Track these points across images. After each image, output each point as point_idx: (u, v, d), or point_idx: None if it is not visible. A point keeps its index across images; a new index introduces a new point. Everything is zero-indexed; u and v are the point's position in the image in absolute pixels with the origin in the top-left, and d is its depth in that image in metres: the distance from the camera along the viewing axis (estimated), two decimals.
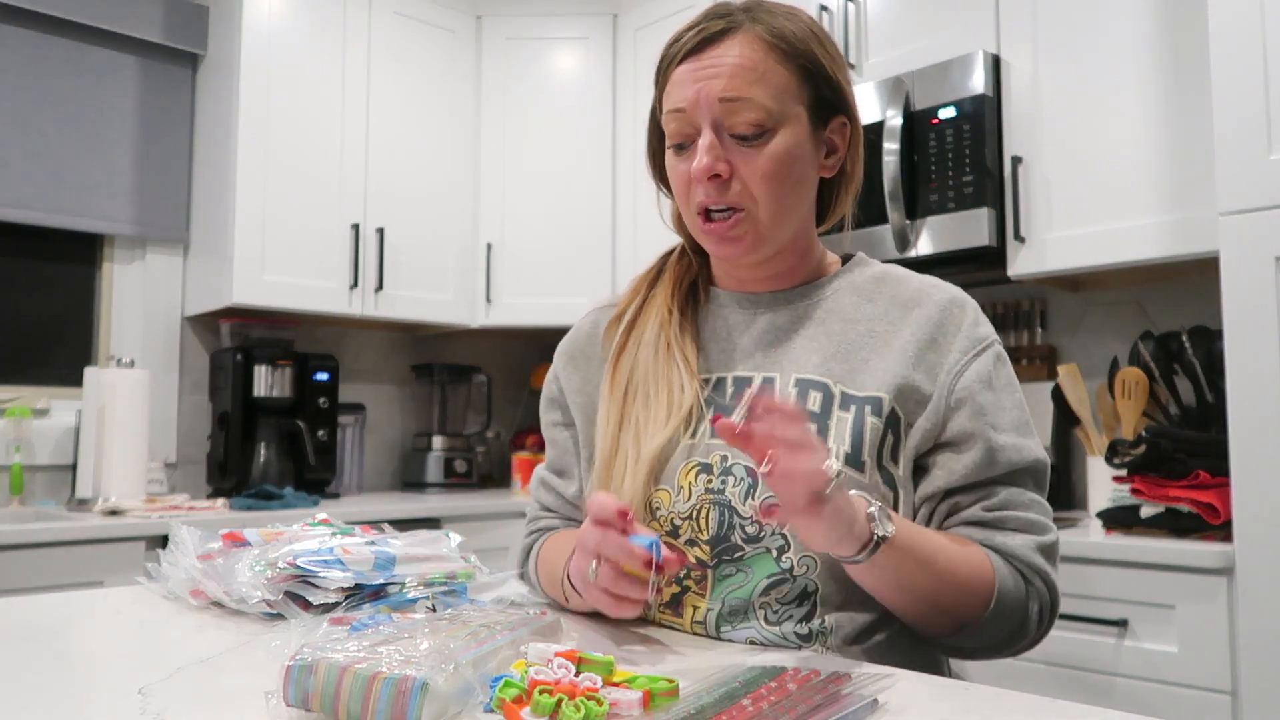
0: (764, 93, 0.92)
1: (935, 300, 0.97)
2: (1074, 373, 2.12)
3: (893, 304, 0.98)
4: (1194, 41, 1.86)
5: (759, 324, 1.02)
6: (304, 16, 2.75)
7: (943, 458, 0.92)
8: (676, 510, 0.95)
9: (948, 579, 0.86)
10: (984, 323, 0.97)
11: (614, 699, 0.63)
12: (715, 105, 0.93)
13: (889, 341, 0.95)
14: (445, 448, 3.15)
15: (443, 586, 1.01)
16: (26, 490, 2.53)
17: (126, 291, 2.80)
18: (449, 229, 3.04)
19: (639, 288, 1.09)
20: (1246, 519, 1.54)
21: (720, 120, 0.93)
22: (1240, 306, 1.56)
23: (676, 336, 1.02)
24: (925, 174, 2.19)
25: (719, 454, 0.95)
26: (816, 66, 0.96)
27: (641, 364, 1.02)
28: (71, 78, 2.67)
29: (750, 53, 0.93)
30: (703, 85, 0.93)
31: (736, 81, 0.92)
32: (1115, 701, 1.68)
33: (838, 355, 0.96)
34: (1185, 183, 1.89)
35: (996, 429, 0.92)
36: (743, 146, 0.93)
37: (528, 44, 3.14)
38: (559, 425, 1.12)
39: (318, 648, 0.65)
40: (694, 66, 0.94)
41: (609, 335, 1.08)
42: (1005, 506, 0.92)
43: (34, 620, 0.98)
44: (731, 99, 0.92)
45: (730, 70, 0.92)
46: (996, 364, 0.95)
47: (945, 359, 0.94)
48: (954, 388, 0.92)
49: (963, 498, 0.92)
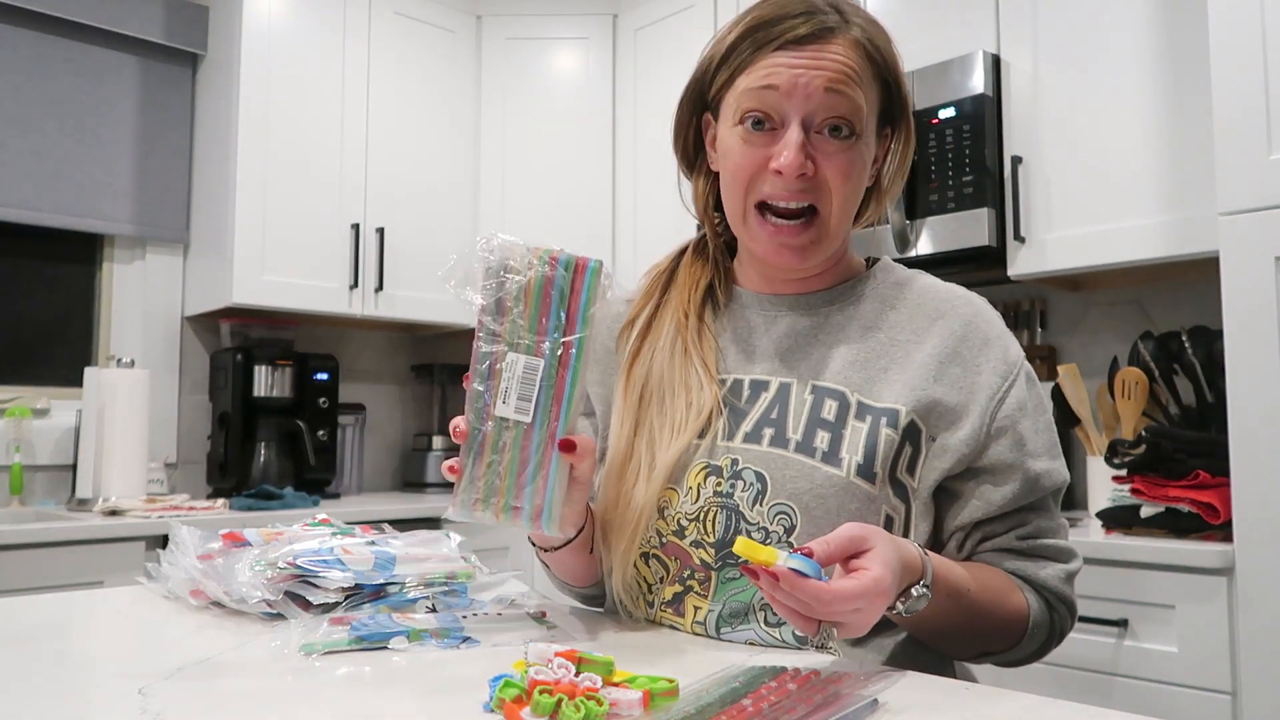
0: (860, 96, 0.92)
1: (960, 313, 0.96)
2: (1074, 373, 2.12)
3: (916, 313, 0.97)
4: (1194, 42, 1.86)
5: (779, 327, 1.00)
6: (304, 16, 2.75)
7: (982, 489, 0.92)
8: (684, 511, 0.94)
9: (985, 614, 0.87)
10: (1012, 340, 0.96)
11: (614, 699, 0.63)
12: (819, 95, 0.90)
13: (910, 353, 0.94)
14: (445, 448, 3.15)
15: (443, 586, 1.01)
16: (26, 490, 2.53)
17: (126, 291, 2.80)
18: (449, 229, 3.04)
19: (651, 288, 1.07)
20: (1246, 519, 1.54)
21: (813, 115, 0.91)
22: (1240, 306, 1.56)
23: (694, 342, 1.00)
24: (925, 174, 2.19)
25: (729, 457, 0.94)
26: (895, 81, 0.96)
27: (656, 369, 1.00)
28: (71, 78, 2.67)
29: (856, 56, 0.92)
30: (805, 74, 0.90)
31: (844, 79, 0.91)
32: (1115, 701, 1.68)
33: (856, 363, 0.95)
34: (1185, 183, 1.89)
35: (1034, 456, 0.92)
36: (831, 142, 0.92)
37: (528, 44, 3.14)
38: (579, 415, 1.11)
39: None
40: (798, 55, 0.91)
41: (622, 339, 1.06)
42: (1038, 535, 0.93)
43: (34, 620, 0.98)
44: (837, 91, 0.90)
45: (839, 66, 0.91)
46: (1030, 387, 0.95)
47: (976, 378, 0.92)
48: (996, 416, 0.91)
49: (997, 525, 0.93)
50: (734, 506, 0.92)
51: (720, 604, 0.92)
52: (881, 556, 0.74)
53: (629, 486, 0.95)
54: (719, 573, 0.93)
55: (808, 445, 0.91)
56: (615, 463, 0.98)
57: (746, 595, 0.91)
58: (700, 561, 0.94)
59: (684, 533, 0.95)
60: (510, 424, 0.83)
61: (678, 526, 0.95)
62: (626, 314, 1.08)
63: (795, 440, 0.92)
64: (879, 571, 0.73)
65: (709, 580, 0.93)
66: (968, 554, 0.94)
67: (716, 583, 0.93)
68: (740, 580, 0.92)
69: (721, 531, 0.92)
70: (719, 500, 0.93)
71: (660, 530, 0.96)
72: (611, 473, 0.98)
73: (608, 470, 0.99)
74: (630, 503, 0.94)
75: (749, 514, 0.91)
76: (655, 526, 0.96)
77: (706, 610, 0.93)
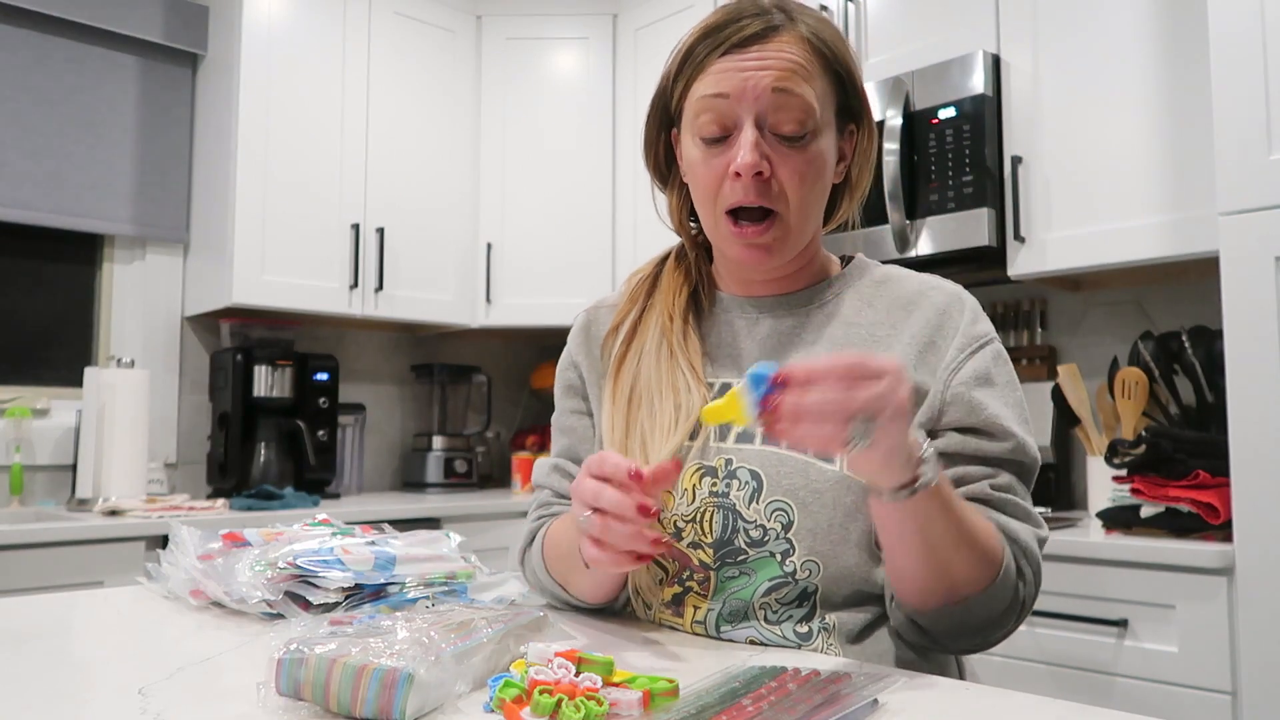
0: (811, 93, 0.92)
1: (934, 302, 0.97)
2: (1074, 373, 2.12)
3: (893, 306, 0.98)
4: (1194, 41, 1.86)
5: (762, 328, 1.01)
6: (304, 16, 2.75)
7: (948, 438, 0.91)
8: (680, 513, 0.95)
9: (967, 541, 0.83)
10: (983, 320, 0.97)
11: (614, 699, 0.63)
12: (766, 95, 0.90)
13: (890, 346, 0.95)
14: (445, 448, 3.15)
15: (443, 586, 1.01)
16: (26, 490, 2.53)
17: (126, 291, 2.80)
18: (449, 229, 3.04)
19: (635, 294, 1.07)
20: (1246, 519, 1.54)
21: (765, 115, 0.91)
22: (1240, 306, 1.56)
23: (680, 344, 1.00)
24: (925, 174, 2.19)
25: (724, 457, 0.94)
26: (848, 74, 0.96)
27: (644, 372, 1.00)
28: (71, 78, 2.67)
29: (802, 52, 0.92)
30: (753, 75, 0.90)
31: (790, 76, 0.91)
32: (1115, 701, 1.68)
33: None
34: (1185, 183, 1.89)
35: (1000, 417, 0.91)
36: (785, 145, 0.92)
37: (528, 44, 3.14)
38: (578, 413, 1.10)
39: (306, 641, 0.66)
40: (742, 59, 0.92)
41: (607, 345, 1.06)
42: (1009, 490, 0.91)
43: (34, 620, 0.98)
44: (784, 90, 0.90)
45: (785, 64, 0.91)
46: (995, 361, 0.94)
47: (944, 358, 0.93)
48: (950, 383, 0.92)
49: (972, 469, 0.91)
50: (730, 505, 0.92)
51: (720, 603, 0.92)
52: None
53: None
54: (718, 572, 0.93)
55: None
56: None
57: (746, 594, 0.91)
58: (699, 562, 0.94)
59: (681, 534, 0.95)
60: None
61: (675, 529, 0.95)
62: (611, 320, 1.08)
63: None
64: (897, 361, 0.72)
65: (708, 580, 0.93)
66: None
67: (716, 582, 0.93)
68: (740, 579, 0.92)
69: (719, 531, 0.93)
70: (715, 500, 0.93)
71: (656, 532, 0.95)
72: None
73: None
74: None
75: (745, 512, 0.92)
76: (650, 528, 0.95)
77: (706, 609, 0.93)
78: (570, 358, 1.11)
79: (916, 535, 0.82)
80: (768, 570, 0.91)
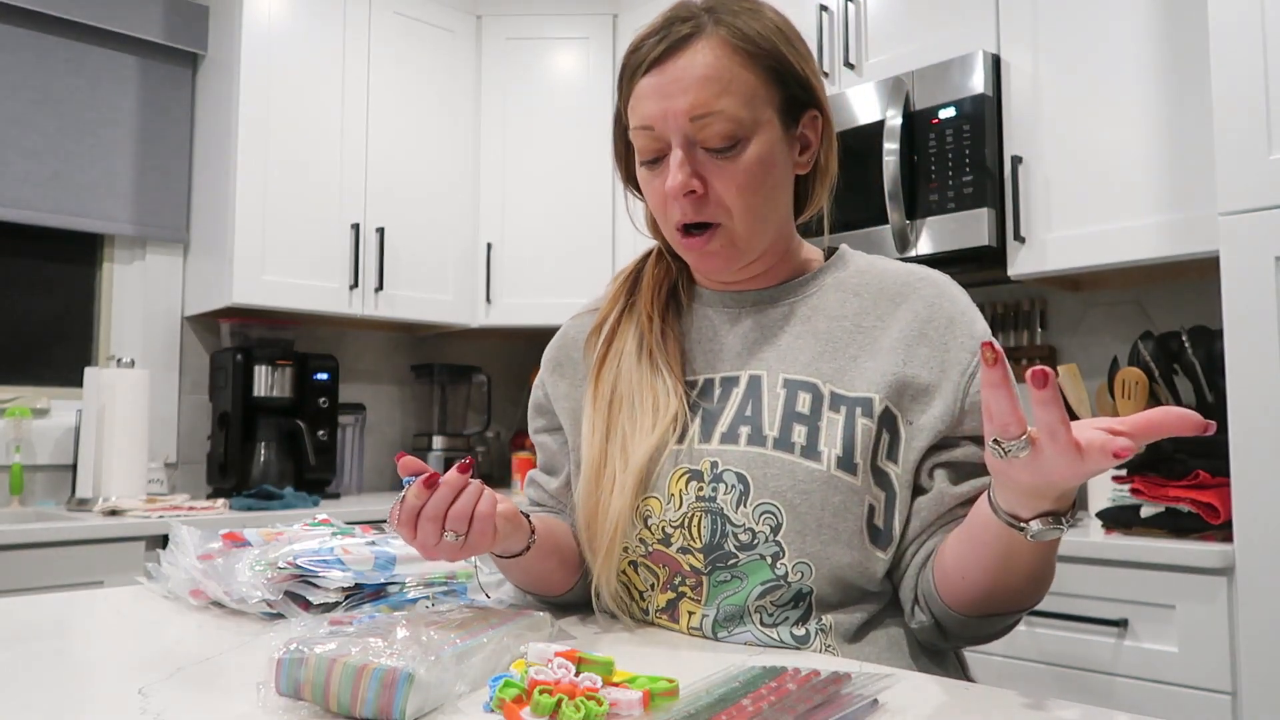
0: (733, 102, 0.90)
1: (923, 294, 0.95)
2: (1074, 373, 2.12)
3: (879, 298, 0.97)
4: (1194, 42, 1.86)
5: (744, 323, 1.00)
6: (304, 16, 2.75)
7: (965, 448, 0.91)
8: (668, 519, 0.94)
9: (1039, 575, 0.84)
10: (977, 315, 0.96)
11: (614, 699, 0.63)
12: (684, 123, 0.90)
13: (877, 339, 0.94)
14: (445, 448, 3.15)
15: (443, 586, 1.01)
16: (26, 490, 2.53)
17: (126, 291, 2.80)
18: (449, 229, 3.04)
19: (617, 294, 1.07)
20: (1246, 519, 1.54)
21: (691, 136, 0.91)
22: (1240, 306, 1.56)
23: (659, 343, 1.00)
24: (925, 174, 2.19)
25: (708, 460, 0.93)
26: (784, 65, 0.93)
27: (624, 373, 1.00)
28: (71, 78, 2.67)
29: (715, 60, 0.90)
30: (669, 103, 0.90)
31: (704, 95, 0.89)
32: (1115, 701, 1.68)
33: (825, 354, 0.95)
34: (1185, 183, 1.89)
35: None
36: (716, 159, 0.91)
37: (528, 44, 3.14)
38: (547, 431, 1.10)
39: (306, 641, 0.66)
40: (658, 80, 0.91)
41: (590, 345, 1.06)
42: None
43: (34, 620, 0.98)
44: (700, 115, 0.89)
45: (697, 83, 0.89)
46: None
47: (945, 355, 0.92)
48: (969, 391, 0.91)
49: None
50: (718, 510, 0.91)
51: (714, 608, 0.92)
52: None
53: (606, 494, 0.95)
54: (709, 577, 0.92)
55: (785, 441, 0.91)
56: (590, 470, 0.97)
57: (739, 598, 0.91)
58: (690, 567, 0.93)
59: (670, 540, 0.94)
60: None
61: (663, 534, 0.94)
62: (589, 325, 1.07)
63: (772, 437, 0.91)
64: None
65: (700, 585, 0.93)
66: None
67: (708, 587, 0.92)
68: (732, 583, 0.91)
69: (708, 536, 0.92)
70: (702, 505, 0.92)
71: (645, 539, 0.95)
72: (588, 481, 0.97)
73: (584, 478, 0.98)
74: (609, 511, 0.93)
75: (734, 516, 0.91)
76: (640, 535, 0.95)
77: (701, 615, 0.93)
78: (540, 378, 1.12)
79: (1005, 559, 0.80)
80: (759, 574, 0.90)
